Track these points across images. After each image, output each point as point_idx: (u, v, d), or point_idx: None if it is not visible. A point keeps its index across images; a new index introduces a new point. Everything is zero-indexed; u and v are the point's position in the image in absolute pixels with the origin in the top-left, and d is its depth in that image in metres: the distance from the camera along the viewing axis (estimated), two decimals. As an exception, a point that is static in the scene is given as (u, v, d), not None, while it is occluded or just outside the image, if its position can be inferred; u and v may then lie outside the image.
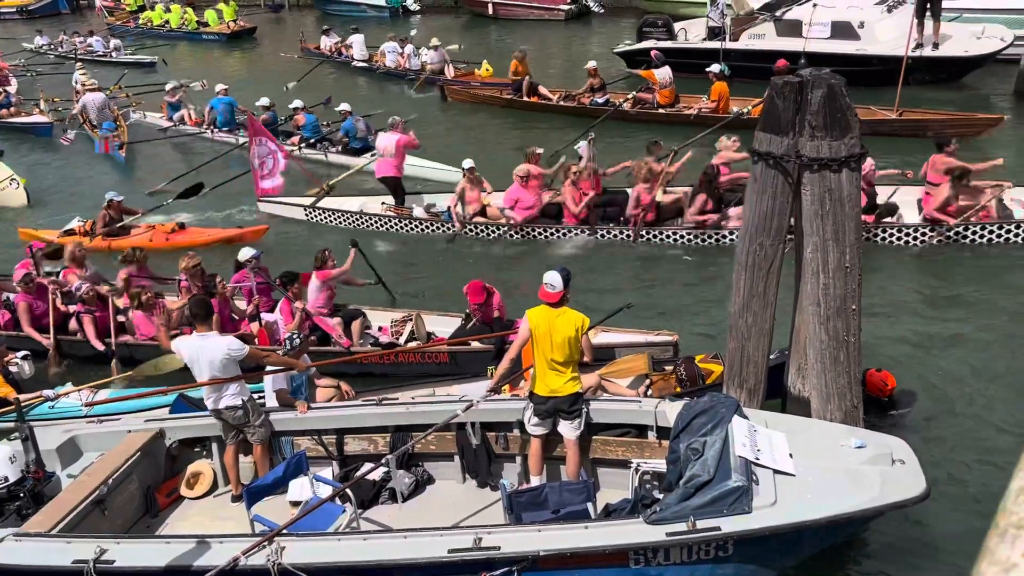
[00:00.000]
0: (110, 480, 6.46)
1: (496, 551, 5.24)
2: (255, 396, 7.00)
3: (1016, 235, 10.17)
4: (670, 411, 6.20)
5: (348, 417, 7.01)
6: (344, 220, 12.86)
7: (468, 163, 12.15)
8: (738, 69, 16.12)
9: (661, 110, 15.94)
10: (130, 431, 7.04)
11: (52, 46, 28.66)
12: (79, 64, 21.63)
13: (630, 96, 16.30)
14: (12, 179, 14.69)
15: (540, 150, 12.26)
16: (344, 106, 15.79)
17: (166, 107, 18.45)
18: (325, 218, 13.04)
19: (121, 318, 9.52)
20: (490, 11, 29.77)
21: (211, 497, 7.06)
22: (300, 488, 6.69)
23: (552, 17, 28.36)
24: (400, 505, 6.71)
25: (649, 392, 7.19)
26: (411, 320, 9.10)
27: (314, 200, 13.23)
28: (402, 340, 8.96)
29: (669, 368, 7.48)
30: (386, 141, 12.86)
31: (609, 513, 5.93)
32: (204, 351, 6.61)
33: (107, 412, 7.68)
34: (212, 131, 17.33)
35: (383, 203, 12.99)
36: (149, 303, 9.28)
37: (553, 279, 6.23)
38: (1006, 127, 13.92)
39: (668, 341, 8.08)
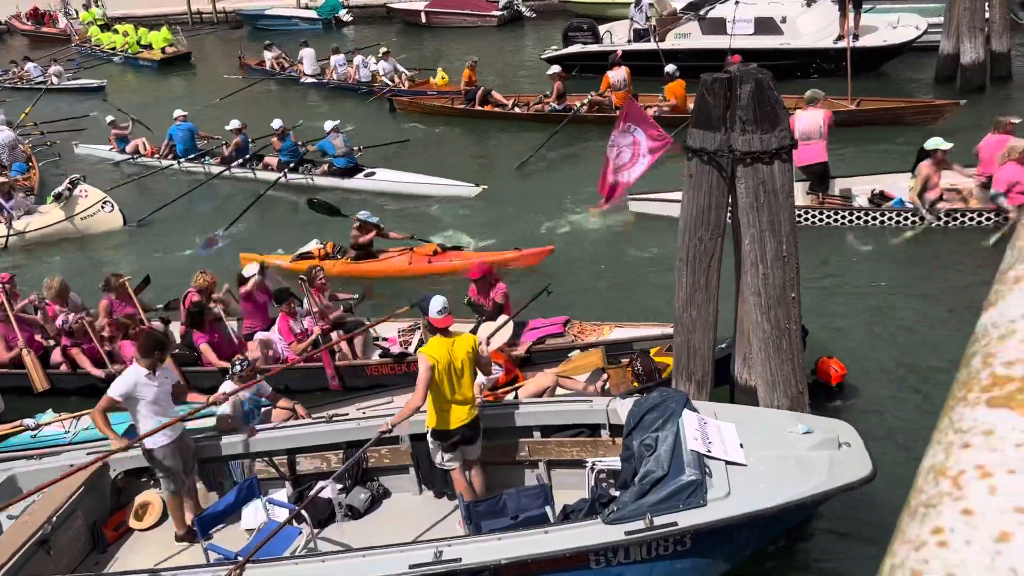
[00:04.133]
0: (54, 518, 6.24)
1: (457, 563, 5.21)
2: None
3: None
4: (621, 409, 6.25)
5: (299, 436, 6.90)
6: None
7: (936, 142, 10.16)
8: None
9: (618, 111, 15.84)
10: (72, 465, 6.81)
11: None
12: None
13: (586, 100, 16.20)
14: (106, 202, 13.84)
15: (1016, 120, 10.38)
16: (328, 124, 14.51)
17: (114, 140, 17.28)
18: None
19: (108, 347, 9.12)
20: (423, 20, 29.73)
21: (162, 527, 6.86)
22: (254, 513, 6.55)
23: (485, 24, 28.44)
24: (357, 522, 6.63)
25: (607, 387, 7.07)
26: (419, 328, 8.92)
27: None
28: (411, 349, 8.78)
29: (625, 361, 7.38)
30: (809, 121, 10.54)
31: (568, 515, 5.95)
32: (163, 384, 6.43)
33: (92, 440, 7.39)
34: (178, 161, 16.12)
35: (808, 192, 11.04)
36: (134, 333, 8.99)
37: (444, 303, 6.10)
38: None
39: None
